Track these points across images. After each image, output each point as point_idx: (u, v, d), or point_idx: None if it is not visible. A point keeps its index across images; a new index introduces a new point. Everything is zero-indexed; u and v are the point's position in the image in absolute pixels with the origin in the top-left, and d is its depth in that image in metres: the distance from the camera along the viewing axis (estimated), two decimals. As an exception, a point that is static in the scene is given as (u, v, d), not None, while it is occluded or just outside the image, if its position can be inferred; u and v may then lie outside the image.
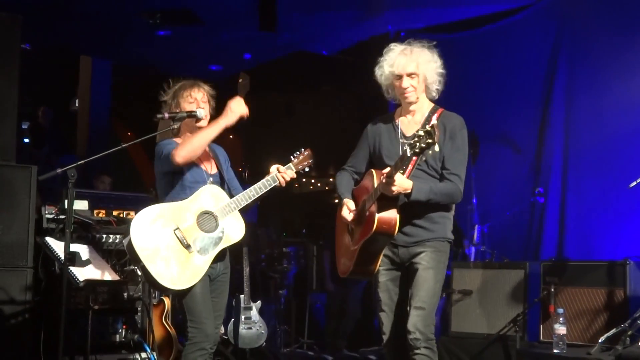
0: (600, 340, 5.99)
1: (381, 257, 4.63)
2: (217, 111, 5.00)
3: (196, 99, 4.87)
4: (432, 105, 4.71)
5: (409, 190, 4.34)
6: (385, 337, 4.71)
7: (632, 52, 7.46)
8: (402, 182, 4.29)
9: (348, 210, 4.66)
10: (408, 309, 4.50)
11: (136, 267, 5.93)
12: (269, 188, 4.87)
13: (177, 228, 4.69)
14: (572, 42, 8.11)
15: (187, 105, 4.87)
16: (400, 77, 4.57)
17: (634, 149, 7.36)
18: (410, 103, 4.64)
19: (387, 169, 4.27)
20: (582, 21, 8.02)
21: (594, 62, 7.82)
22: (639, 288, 6.33)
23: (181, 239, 4.66)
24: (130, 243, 4.66)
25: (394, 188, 4.25)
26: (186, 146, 4.70)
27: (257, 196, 4.86)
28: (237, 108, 4.81)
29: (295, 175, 4.94)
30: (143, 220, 4.71)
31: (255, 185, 4.87)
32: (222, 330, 7.79)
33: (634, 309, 5.99)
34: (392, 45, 4.67)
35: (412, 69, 4.55)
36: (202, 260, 4.67)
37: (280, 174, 4.87)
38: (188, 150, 4.70)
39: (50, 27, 9.85)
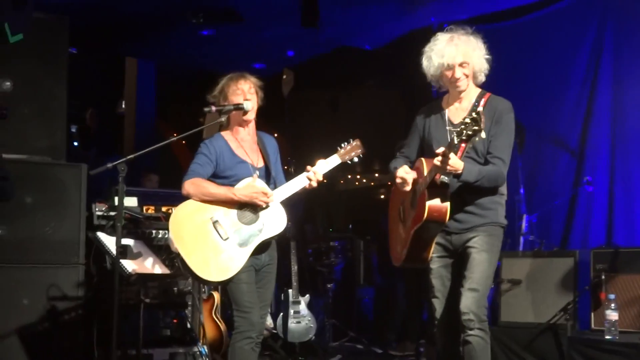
0: (653, 325, 5.95)
1: (434, 244, 4.64)
2: (266, 103, 5.04)
3: (243, 90, 4.89)
4: (479, 90, 4.72)
5: (460, 170, 4.33)
6: (437, 323, 4.73)
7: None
8: (455, 162, 4.29)
9: (405, 172, 4.61)
10: (461, 290, 4.51)
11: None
12: (300, 187, 4.89)
13: (217, 221, 4.74)
14: (617, 26, 8.00)
15: (234, 98, 4.89)
16: (451, 67, 4.58)
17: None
18: (461, 91, 4.66)
19: (441, 149, 4.26)
20: (626, 5, 7.92)
21: (640, 46, 7.73)
22: (691, 272, 6.26)
23: (220, 231, 4.71)
24: (169, 236, 4.74)
25: (448, 167, 4.25)
26: (197, 190, 4.78)
27: (293, 192, 4.89)
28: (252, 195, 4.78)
29: (320, 178, 4.90)
30: (181, 214, 4.79)
31: (292, 181, 4.90)
32: (271, 324, 7.85)
33: (687, 294, 5.93)
34: (439, 35, 4.69)
35: (463, 58, 4.57)
36: (241, 252, 4.71)
37: (308, 175, 4.87)
38: (195, 193, 4.79)
39: (95, 30, 9.95)
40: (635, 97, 7.77)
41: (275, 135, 5.33)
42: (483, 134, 4.05)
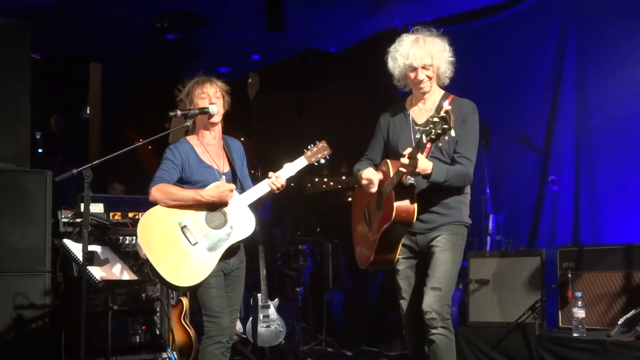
0: (619, 322, 5.98)
1: (400, 246, 4.65)
2: (233, 107, 5.03)
3: (208, 94, 4.88)
4: (442, 92, 4.73)
5: (429, 171, 4.34)
6: (406, 324, 4.74)
7: (642, 35, 7.44)
8: (423, 163, 4.29)
9: (371, 172, 4.60)
10: (424, 289, 4.52)
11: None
12: (266, 191, 4.88)
13: (185, 226, 4.72)
14: (580, 27, 8.07)
15: (199, 102, 4.88)
16: (415, 69, 4.59)
17: (646, 132, 7.33)
18: (425, 93, 4.67)
19: (408, 150, 4.26)
20: (589, 6, 8.00)
21: (603, 47, 7.78)
22: (656, 270, 6.32)
23: (188, 236, 4.70)
24: (137, 242, 4.71)
25: (417, 169, 4.25)
26: (164, 195, 4.76)
27: (260, 195, 4.88)
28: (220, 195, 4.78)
29: (283, 183, 4.88)
30: (149, 220, 4.77)
31: (256, 185, 4.89)
32: (241, 329, 7.83)
33: (652, 291, 5.99)
34: (404, 36, 4.68)
35: (427, 60, 4.57)
36: (210, 256, 4.70)
37: (271, 180, 4.86)
38: (162, 199, 4.77)
39: (59, 35, 9.86)
40: (598, 96, 7.85)
41: (242, 139, 5.31)
42: (453, 132, 4.03)
